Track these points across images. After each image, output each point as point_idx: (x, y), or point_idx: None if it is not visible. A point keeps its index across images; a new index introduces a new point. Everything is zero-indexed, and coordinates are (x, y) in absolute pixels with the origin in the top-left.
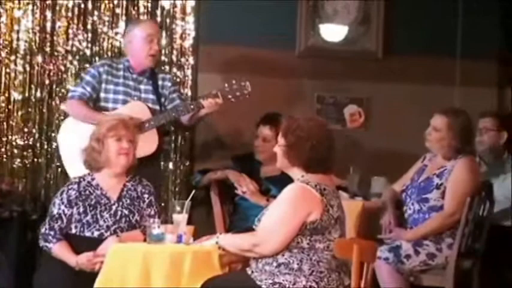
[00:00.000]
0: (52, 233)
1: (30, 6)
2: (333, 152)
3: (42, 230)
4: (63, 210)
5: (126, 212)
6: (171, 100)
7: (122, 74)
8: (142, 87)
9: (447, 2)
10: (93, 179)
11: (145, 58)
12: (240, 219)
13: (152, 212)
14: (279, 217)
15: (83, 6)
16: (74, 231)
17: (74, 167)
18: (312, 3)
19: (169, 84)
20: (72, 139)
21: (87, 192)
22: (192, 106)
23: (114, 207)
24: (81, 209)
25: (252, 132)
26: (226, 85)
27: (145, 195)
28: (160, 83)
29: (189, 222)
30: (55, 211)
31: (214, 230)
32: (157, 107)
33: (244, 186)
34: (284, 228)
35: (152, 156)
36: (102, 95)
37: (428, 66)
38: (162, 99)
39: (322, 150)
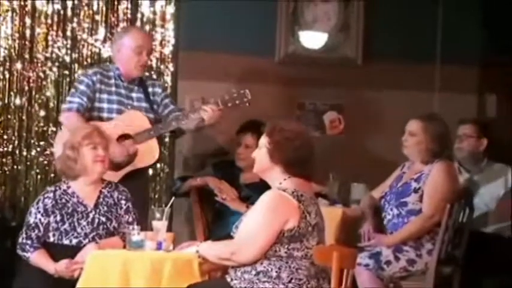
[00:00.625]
0: (29, 242)
1: (9, 13)
2: (313, 159)
3: (20, 240)
4: (40, 219)
5: (103, 219)
6: (164, 106)
7: (114, 82)
8: (134, 95)
9: (427, 8)
10: (68, 187)
11: (134, 69)
12: (220, 226)
13: (130, 219)
14: (256, 225)
15: (62, 13)
16: (51, 239)
17: None
18: (291, 10)
19: (159, 90)
20: None
21: (64, 200)
22: (192, 115)
23: (91, 215)
24: (58, 218)
25: (233, 139)
26: (226, 94)
27: (122, 202)
28: (150, 90)
29: (169, 229)
30: (31, 220)
31: (195, 237)
32: (151, 115)
33: (224, 193)
34: (261, 236)
35: (143, 168)
36: (96, 104)
37: (408, 72)
38: (155, 106)
39: (305, 152)
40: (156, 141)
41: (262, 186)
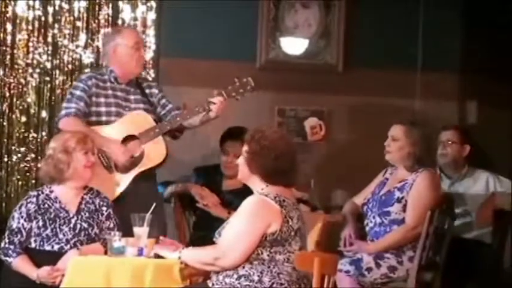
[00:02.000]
0: (12, 247)
1: None
2: (295, 166)
3: (2, 244)
4: (23, 224)
5: (85, 225)
6: (162, 106)
7: (109, 85)
8: (131, 97)
9: (408, 15)
10: (51, 192)
11: (135, 67)
12: (202, 232)
13: (111, 225)
14: (238, 230)
15: (43, 19)
16: (33, 245)
17: None
18: (272, 16)
19: (156, 91)
20: None
21: (46, 205)
22: (197, 108)
23: (73, 221)
24: (41, 223)
25: (214, 144)
26: (229, 85)
27: (104, 208)
28: (147, 91)
29: (164, 234)
30: (14, 225)
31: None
32: (152, 116)
33: (206, 199)
34: (244, 241)
35: (152, 168)
36: (93, 109)
37: (389, 79)
38: (153, 107)
39: (285, 162)
40: (163, 139)
41: (244, 193)
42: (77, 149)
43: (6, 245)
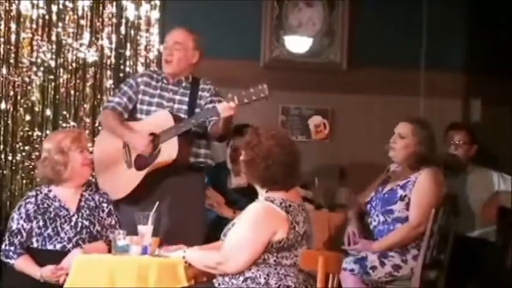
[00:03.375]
0: (12, 248)
1: None
2: (292, 171)
3: (3, 246)
4: (22, 225)
5: (86, 223)
6: None
7: (160, 85)
8: (177, 97)
9: (412, 13)
10: (50, 191)
11: (165, 66)
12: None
13: (113, 222)
14: (243, 237)
15: (47, 17)
16: (35, 245)
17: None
18: (276, 14)
19: (207, 94)
20: (103, 151)
21: (45, 205)
22: (209, 112)
23: (74, 219)
24: (41, 223)
25: (217, 143)
26: (242, 91)
27: (104, 205)
28: (200, 93)
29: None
30: (14, 226)
31: None
32: (185, 116)
33: (211, 199)
34: (248, 249)
35: (179, 165)
36: (138, 106)
37: (393, 77)
38: (197, 110)
39: (278, 170)
40: (177, 140)
41: (249, 191)
42: (73, 148)
43: (7, 247)
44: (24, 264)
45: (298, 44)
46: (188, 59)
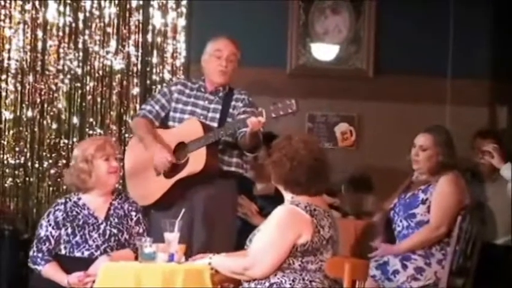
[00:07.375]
0: (40, 255)
1: (21, 25)
2: (320, 175)
3: (31, 253)
4: (51, 232)
5: (114, 231)
6: None
7: (194, 93)
8: (212, 106)
9: (438, 20)
10: (79, 199)
11: (212, 75)
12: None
13: (141, 230)
14: (268, 241)
15: (74, 25)
16: (63, 252)
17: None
18: (302, 22)
19: (241, 104)
20: (134, 156)
21: (74, 212)
22: (238, 124)
23: (102, 227)
24: (70, 230)
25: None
26: (271, 105)
27: (133, 213)
28: (233, 103)
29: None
30: (42, 233)
31: None
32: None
33: (245, 208)
34: (273, 252)
35: (210, 173)
36: (171, 114)
37: (419, 84)
38: (229, 119)
39: (302, 172)
40: (206, 150)
41: (276, 198)
42: (97, 156)
43: (35, 253)
44: (51, 271)
45: (324, 51)
46: (236, 70)
